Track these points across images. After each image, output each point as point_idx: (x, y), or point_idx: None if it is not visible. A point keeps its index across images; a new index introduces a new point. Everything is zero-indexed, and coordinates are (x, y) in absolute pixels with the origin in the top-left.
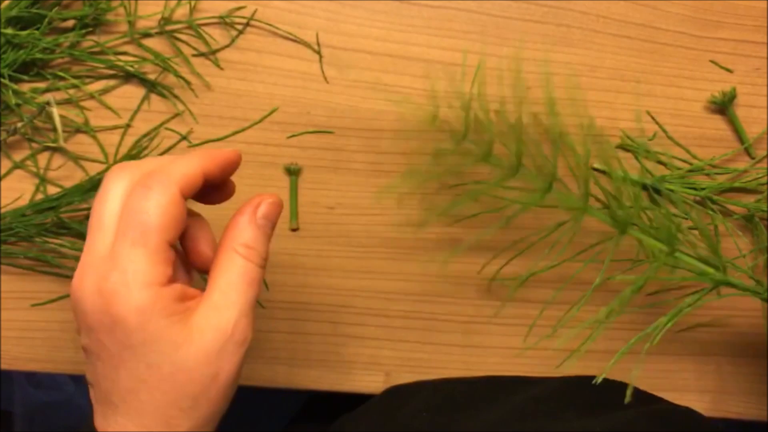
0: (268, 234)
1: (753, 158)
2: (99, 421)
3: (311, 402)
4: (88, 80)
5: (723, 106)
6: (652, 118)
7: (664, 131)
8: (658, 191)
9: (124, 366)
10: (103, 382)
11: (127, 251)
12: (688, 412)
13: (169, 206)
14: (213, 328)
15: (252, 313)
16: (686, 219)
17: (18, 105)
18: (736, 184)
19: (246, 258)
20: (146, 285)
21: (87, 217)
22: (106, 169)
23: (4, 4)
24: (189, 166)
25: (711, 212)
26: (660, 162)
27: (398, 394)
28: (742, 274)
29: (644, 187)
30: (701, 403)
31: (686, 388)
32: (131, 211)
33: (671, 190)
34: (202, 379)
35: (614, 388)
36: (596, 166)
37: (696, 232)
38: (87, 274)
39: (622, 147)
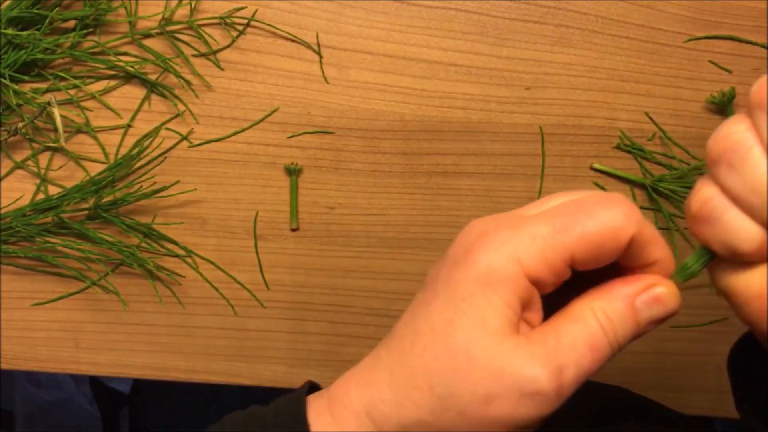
0: (638, 325)
1: None
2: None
3: None
4: (88, 80)
5: (722, 106)
6: (650, 119)
7: (663, 132)
8: (657, 191)
9: (433, 305)
10: (408, 313)
11: (537, 225)
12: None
13: (609, 234)
14: (532, 355)
15: (575, 387)
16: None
17: (19, 105)
18: None
19: (600, 325)
20: (517, 260)
21: (88, 218)
22: (107, 169)
23: (5, 4)
24: (660, 240)
25: None
26: (657, 162)
27: None
28: None
29: (643, 187)
30: (701, 403)
31: (686, 388)
32: (577, 205)
33: (670, 190)
34: (474, 386)
35: (613, 395)
36: (596, 166)
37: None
38: (490, 219)
39: (620, 147)
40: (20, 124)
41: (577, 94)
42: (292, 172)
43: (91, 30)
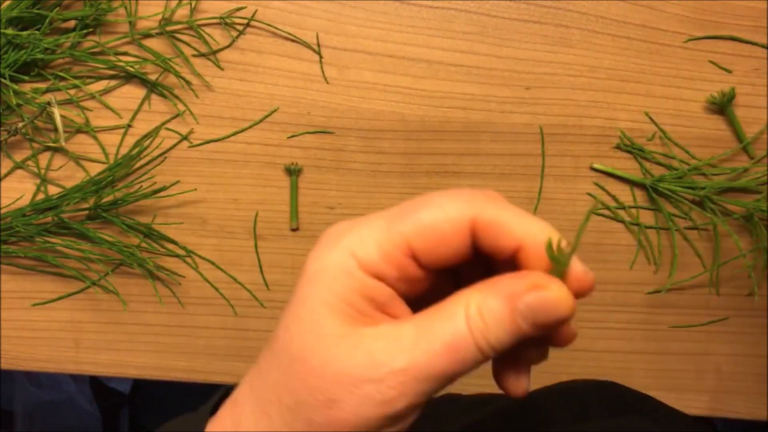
0: (519, 329)
1: (752, 158)
2: None
3: None
4: (88, 80)
5: (722, 106)
6: (650, 119)
7: (663, 132)
8: (657, 191)
9: (283, 314)
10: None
11: (375, 219)
12: (682, 416)
13: (445, 221)
14: (369, 353)
15: (425, 386)
16: (685, 219)
17: (19, 105)
18: (735, 184)
19: (468, 323)
20: (351, 253)
21: (88, 218)
22: (107, 169)
23: (5, 4)
24: (513, 220)
25: (710, 213)
26: (657, 162)
27: None
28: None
29: (643, 187)
30: (701, 403)
31: (686, 387)
32: (420, 199)
33: (670, 190)
34: (314, 392)
35: (602, 387)
36: (596, 166)
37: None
38: (341, 223)
39: (620, 147)
40: (20, 124)
41: (577, 94)
42: (292, 172)
43: (91, 30)
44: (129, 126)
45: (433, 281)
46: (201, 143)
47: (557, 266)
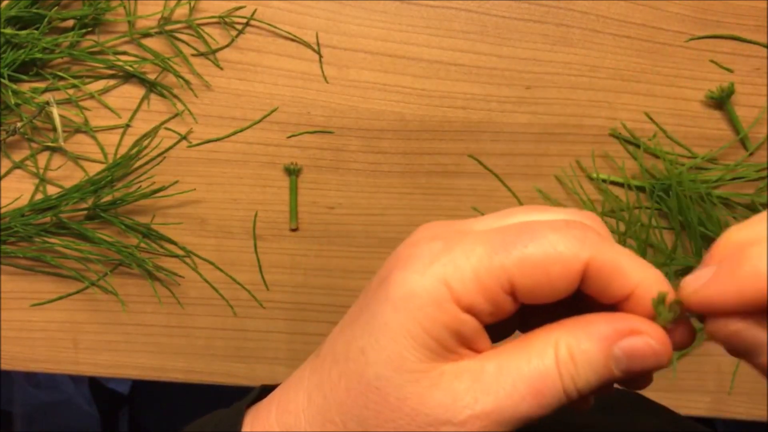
0: (609, 373)
1: (748, 151)
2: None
3: None
4: (87, 80)
5: (721, 101)
6: (650, 118)
7: (664, 131)
8: (658, 191)
9: (352, 329)
10: (335, 331)
11: (473, 243)
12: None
13: (556, 260)
14: (451, 392)
15: (506, 428)
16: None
17: (18, 105)
18: (735, 174)
19: (557, 364)
20: (444, 282)
21: (87, 218)
22: (106, 169)
23: (4, 3)
24: (630, 266)
25: (715, 205)
26: (655, 154)
27: None
28: None
29: (642, 188)
30: (701, 404)
31: (686, 388)
32: (523, 226)
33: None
34: (388, 425)
35: (622, 395)
36: (595, 176)
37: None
38: (435, 226)
39: (617, 136)
40: (19, 124)
41: (578, 93)
42: (292, 172)
43: (90, 29)
44: (128, 126)
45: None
46: (200, 143)
47: (659, 319)
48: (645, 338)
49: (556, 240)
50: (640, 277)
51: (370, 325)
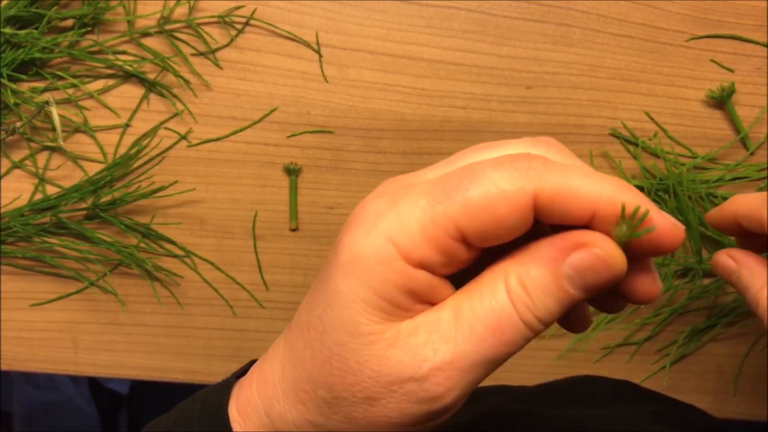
0: (567, 294)
1: (749, 151)
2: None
3: None
4: (87, 80)
5: (721, 101)
6: (651, 118)
7: (664, 131)
8: (658, 191)
9: (311, 298)
10: (301, 308)
11: (416, 195)
12: (695, 410)
13: (500, 199)
14: (409, 349)
15: (472, 375)
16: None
17: (17, 104)
18: (735, 174)
19: (510, 297)
20: (390, 239)
21: (86, 218)
22: (105, 169)
23: (3, 3)
24: (582, 185)
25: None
26: (655, 154)
27: None
28: None
29: (642, 188)
30: (702, 404)
31: (687, 388)
32: (464, 170)
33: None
34: (353, 389)
35: (620, 385)
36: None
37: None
38: (385, 184)
39: (617, 136)
40: (18, 124)
41: (579, 93)
42: (292, 172)
43: (89, 29)
44: (127, 125)
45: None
46: (200, 143)
47: (615, 231)
48: (590, 249)
49: (498, 178)
50: (594, 194)
51: (324, 293)
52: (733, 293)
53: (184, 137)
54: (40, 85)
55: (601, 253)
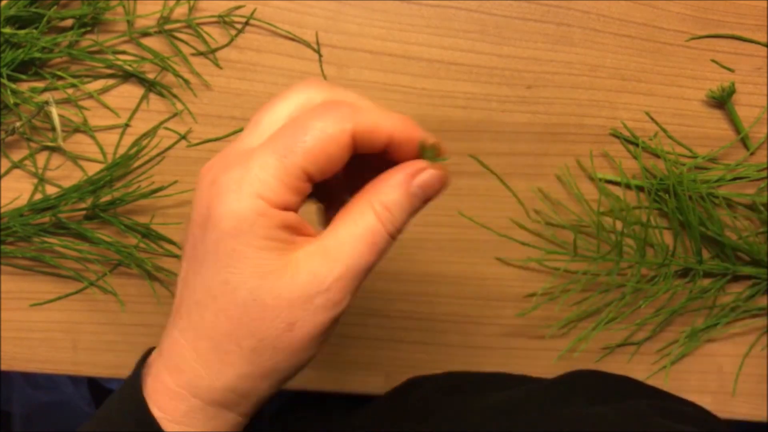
0: (414, 207)
1: (749, 151)
2: (162, 337)
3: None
4: (86, 79)
5: (722, 101)
6: (651, 118)
7: (665, 131)
8: (659, 191)
9: (202, 273)
10: (181, 287)
11: (263, 156)
12: (701, 409)
13: (330, 141)
14: (310, 272)
15: (358, 281)
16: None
17: (16, 104)
18: (736, 174)
19: (379, 218)
20: (258, 195)
21: (86, 218)
22: (105, 169)
23: (3, 3)
24: (381, 121)
25: (715, 205)
26: (655, 154)
27: (410, 382)
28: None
29: (642, 188)
30: (702, 404)
31: (687, 389)
32: (293, 125)
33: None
34: (274, 322)
35: (623, 381)
36: (599, 176)
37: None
38: (216, 162)
39: (618, 135)
40: (18, 124)
41: (579, 93)
42: None
43: (89, 29)
44: (127, 125)
45: None
46: (200, 143)
47: (425, 156)
48: (428, 171)
49: (323, 126)
50: (390, 126)
51: (219, 261)
52: (733, 293)
53: (184, 137)
54: (40, 85)
55: (435, 172)
